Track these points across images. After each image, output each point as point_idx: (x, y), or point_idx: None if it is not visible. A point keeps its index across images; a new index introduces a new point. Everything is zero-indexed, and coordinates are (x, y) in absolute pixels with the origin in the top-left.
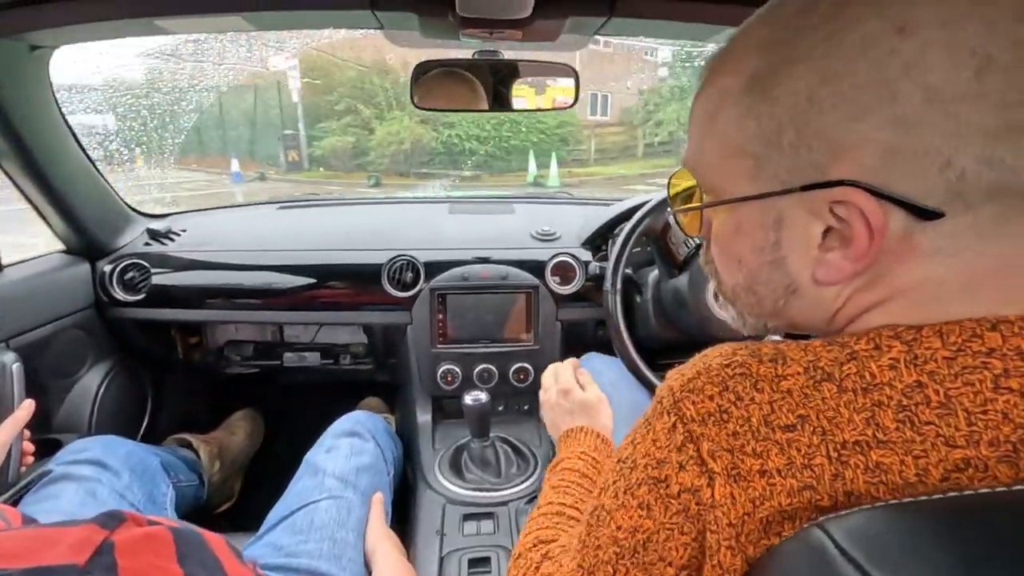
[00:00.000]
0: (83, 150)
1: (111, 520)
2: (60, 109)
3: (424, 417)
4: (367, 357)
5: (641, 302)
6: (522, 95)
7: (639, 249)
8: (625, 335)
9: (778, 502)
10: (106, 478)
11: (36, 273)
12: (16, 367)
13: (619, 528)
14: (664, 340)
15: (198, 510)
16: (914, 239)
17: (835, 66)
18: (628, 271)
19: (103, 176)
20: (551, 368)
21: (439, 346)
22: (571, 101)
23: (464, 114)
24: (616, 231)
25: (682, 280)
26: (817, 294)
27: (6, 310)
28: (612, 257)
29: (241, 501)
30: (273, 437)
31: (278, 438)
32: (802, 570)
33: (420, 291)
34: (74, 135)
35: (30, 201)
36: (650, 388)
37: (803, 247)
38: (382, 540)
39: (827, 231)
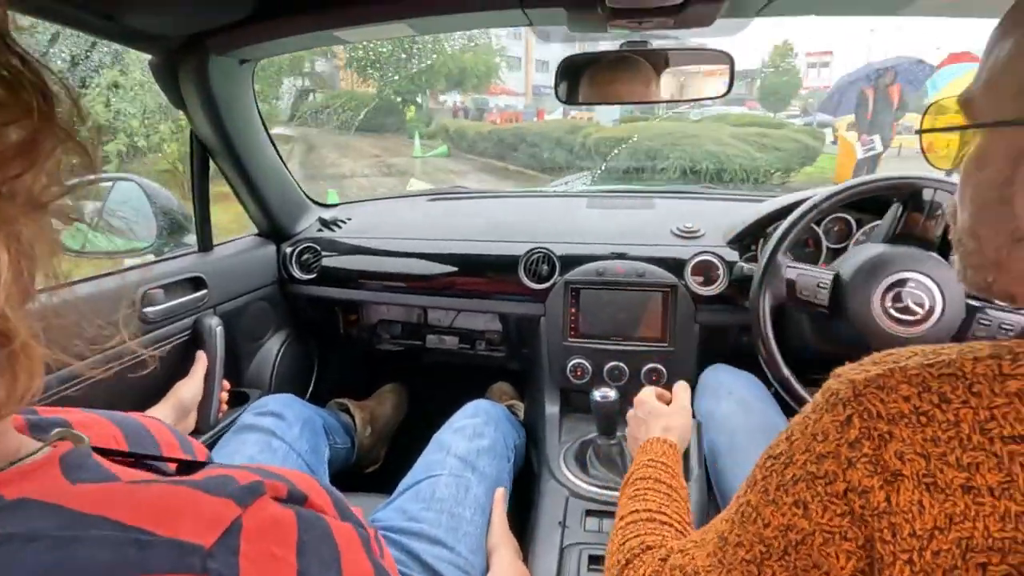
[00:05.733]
0: (275, 148)
1: (249, 495)
2: (260, 113)
3: (552, 408)
4: (501, 345)
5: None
6: (671, 85)
7: (795, 250)
8: (773, 344)
9: (984, 526)
10: (281, 430)
11: (237, 252)
12: (219, 329)
13: (767, 526)
14: (819, 352)
15: (347, 469)
16: None
17: None
18: None
19: (288, 170)
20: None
21: (570, 340)
22: (725, 89)
23: None
24: (770, 229)
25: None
26: None
27: (215, 281)
28: (764, 257)
29: (384, 466)
30: (414, 412)
31: (418, 413)
32: None
33: (554, 284)
34: (269, 135)
35: (234, 190)
36: (799, 403)
37: None
38: (504, 543)
39: None
